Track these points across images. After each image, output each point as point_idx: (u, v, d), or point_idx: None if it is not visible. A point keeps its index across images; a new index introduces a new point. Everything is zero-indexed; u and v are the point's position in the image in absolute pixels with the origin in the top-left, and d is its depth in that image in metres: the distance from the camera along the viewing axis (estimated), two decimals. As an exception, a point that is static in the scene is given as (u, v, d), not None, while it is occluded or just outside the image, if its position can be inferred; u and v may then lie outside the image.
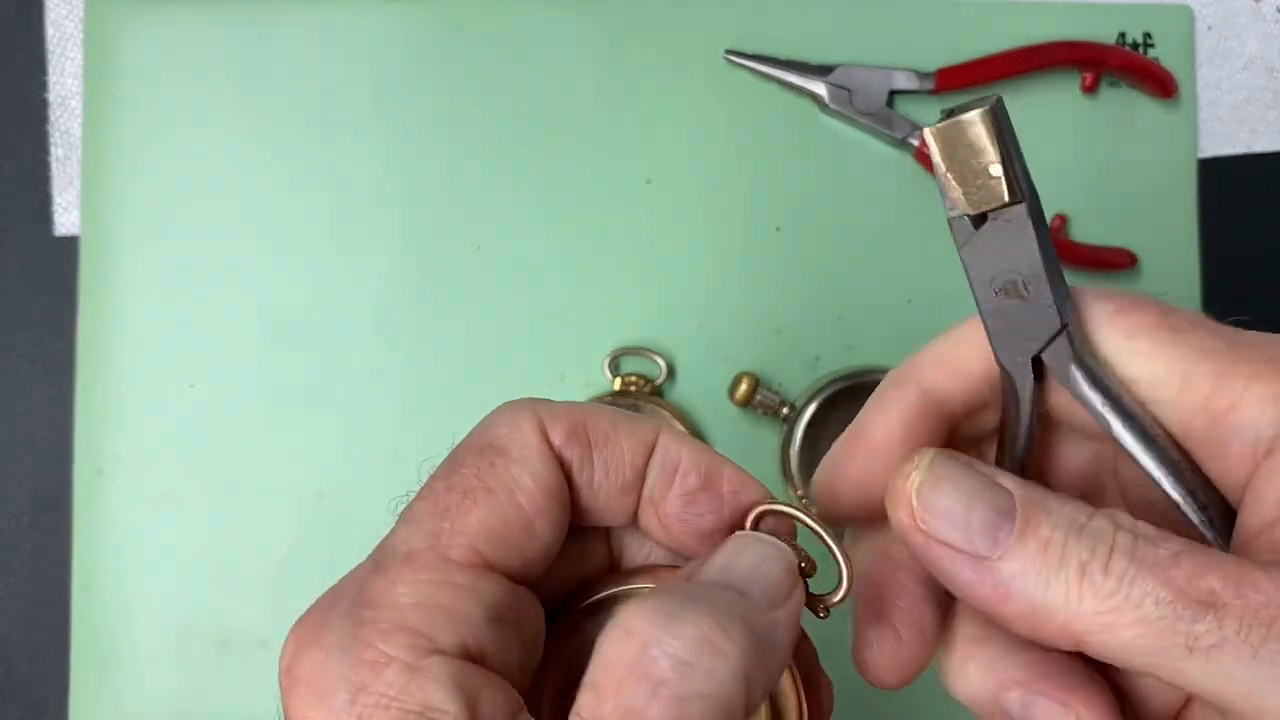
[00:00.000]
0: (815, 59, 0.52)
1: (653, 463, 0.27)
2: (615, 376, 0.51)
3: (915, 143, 0.51)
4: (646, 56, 0.52)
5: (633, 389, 0.51)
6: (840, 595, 0.27)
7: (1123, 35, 0.53)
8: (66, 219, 0.51)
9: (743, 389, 0.49)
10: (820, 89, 0.52)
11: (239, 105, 0.51)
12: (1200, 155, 0.54)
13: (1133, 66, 0.52)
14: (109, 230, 0.51)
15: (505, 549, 0.25)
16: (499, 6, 0.52)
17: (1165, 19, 0.53)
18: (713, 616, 0.22)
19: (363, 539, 0.26)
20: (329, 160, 0.51)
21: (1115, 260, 0.52)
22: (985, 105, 0.23)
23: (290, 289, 0.51)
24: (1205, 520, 0.25)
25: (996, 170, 0.23)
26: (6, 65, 0.51)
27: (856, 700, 0.52)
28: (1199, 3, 0.54)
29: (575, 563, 0.29)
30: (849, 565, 0.26)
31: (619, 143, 0.52)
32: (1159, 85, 0.52)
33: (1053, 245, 0.25)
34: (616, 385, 0.51)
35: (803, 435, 0.49)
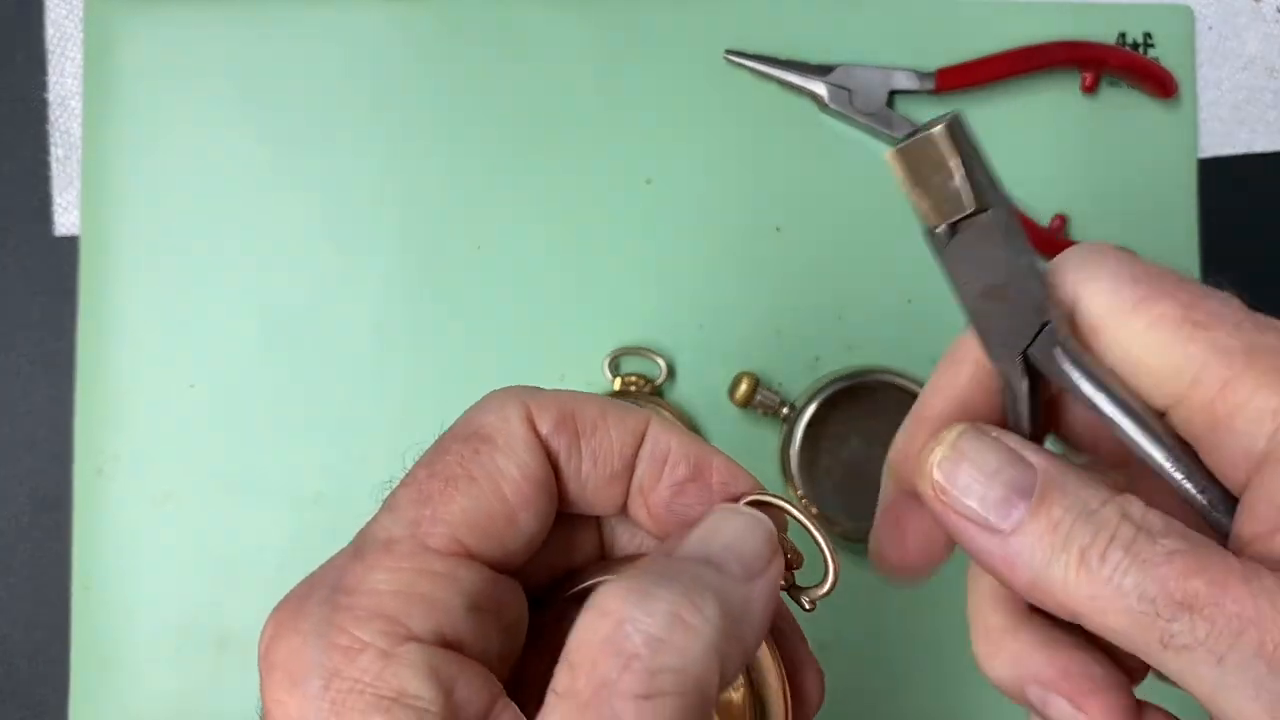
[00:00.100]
0: (815, 59, 0.52)
1: (642, 452, 0.27)
2: (615, 376, 0.51)
3: (915, 143, 0.52)
4: (646, 56, 0.52)
5: (633, 389, 0.51)
6: (826, 588, 0.27)
7: (1123, 35, 0.53)
8: (66, 219, 0.51)
9: (743, 389, 0.49)
10: (820, 89, 0.52)
11: (239, 105, 0.51)
12: (1200, 155, 0.54)
13: (1133, 66, 0.52)
14: (109, 230, 0.51)
15: (487, 538, 0.25)
16: (499, 6, 0.52)
17: (1165, 19, 0.53)
18: (684, 593, 0.23)
19: (362, 539, 0.26)
20: (329, 160, 0.51)
21: (1115, 260, 0.52)
22: (944, 121, 0.23)
23: (290, 289, 0.51)
24: (1206, 505, 0.25)
25: (959, 183, 0.24)
26: (6, 65, 0.51)
27: (856, 700, 0.52)
28: (1199, 3, 0.54)
29: (564, 551, 0.29)
30: (835, 559, 0.27)
31: (619, 143, 0.52)
32: (1159, 85, 0.52)
33: (1029, 245, 0.25)
34: (616, 385, 0.51)
35: (803, 435, 0.49)
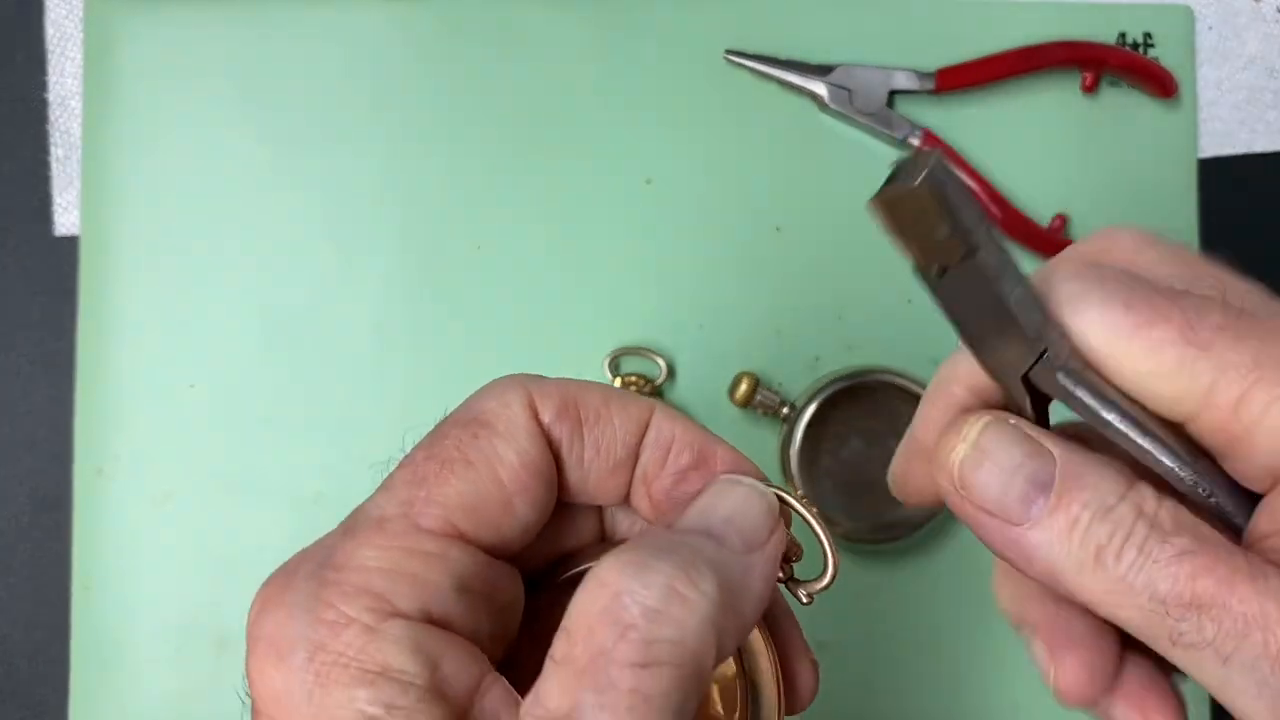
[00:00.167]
0: (815, 59, 0.52)
1: (646, 441, 0.27)
2: (615, 376, 0.51)
3: (915, 143, 0.51)
4: (646, 56, 0.52)
5: (632, 389, 0.51)
6: (825, 582, 0.27)
7: (1123, 35, 0.53)
8: (66, 219, 0.51)
9: (743, 389, 0.49)
10: (820, 89, 0.52)
11: (239, 105, 0.51)
12: (1200, 155, 0.54)
13: (1133, 66, 0.52)
14: (109, 230, 0.51)
15: (480, 522, 0.25)
16: (499, 6, 0.52)
17: (1165, 19, 0.53)
18: (681, 566, 0.23)
19: (363, 539, 0.26)
20: (329, 160, 0.51)
21: (1115, 260, 0.52)
22: (925, 168, 0.23)
23: (290, 289, 0.51)
24: (1229, 511, 0.25)
25: (945, 231, 0.23)
26: (6, 65, 0.51)
27: (856, 700, 0.52)
28: (1199, 3, 0.54)
29: (564, 537, 0.29)
30: (835, 553, 0.27)
31: (619, 143, 0.52)
32: (1159, 85, 0.52)
33: (1022, 275, 0.25)
34: (616, 385, 0.51)
35: (803, 435, 0.49)
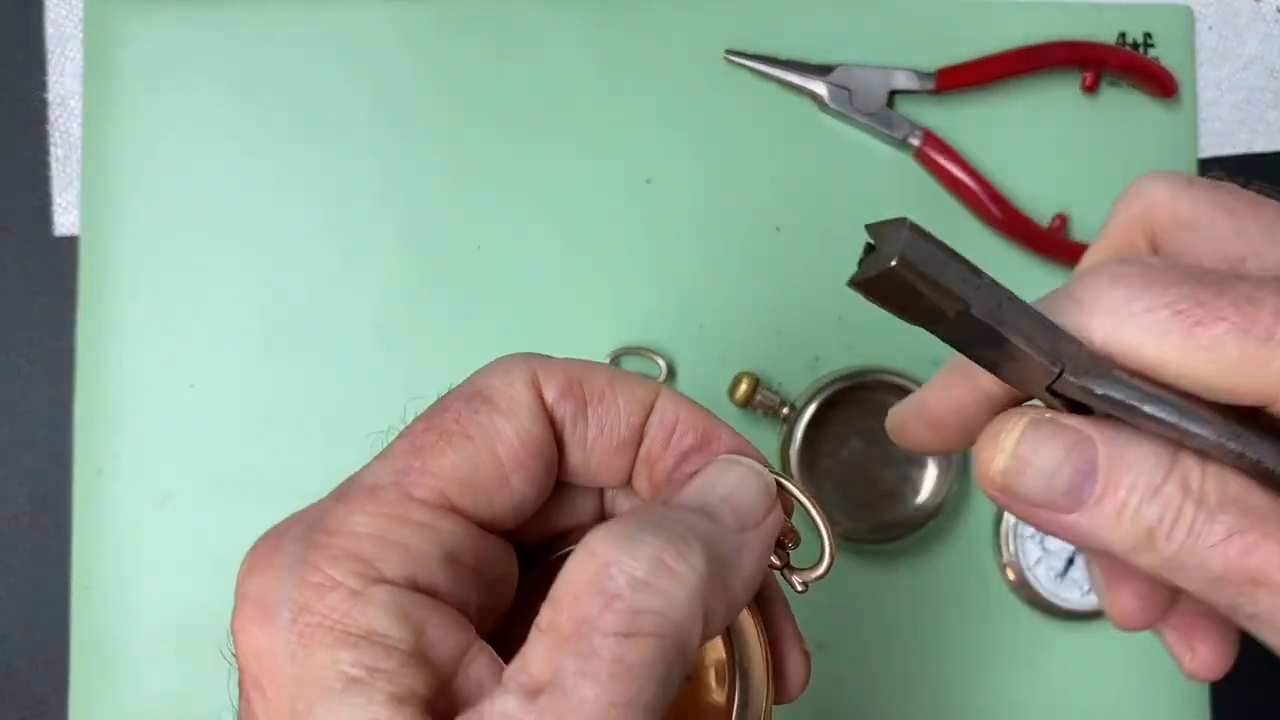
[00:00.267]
0: (815, 59, 0.52)
1: (650, 422, 0.27)
2: (615, 376, 0.51)
3: (915, 143, 0.51)
4: (646, 56, 0.52)
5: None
6: (820, 571, 0.27)
7: (1123, 35, 0.53)
8: (66, 219, 0.51)
9: (743, 389, 0.49)
10: (820, 89, 0.52)
11: (239, 105, 0.51)
12: (1200, 155, 0.54)
13: (1133, 66, 0.52)
14: (109, 230, 0.51)
15: (474, 496, 0.25)
16: (499, 6, 0.52)
17: (1165, 19, 0.53)
18: (670, 539, 0.23)
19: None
20: (329, 160, 0.51)
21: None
22: (899, 243, 0.22)
23: (290, 289, 0.51)
24: (1267, 469, 0.25)
25: (928, 302, 0.23)
26: (6, 65, 0.51)
27: (856, 699, 0.52)
28: (1199, 3, 0.54)
29: (564, 516, 0.29)
30: (832, 542, 0.27)
31: (619, 143, 0.52)
32: (1159, 85, 0.52)
33: (1025, 306, 0.24)
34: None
35: (803, 435, 0.49)
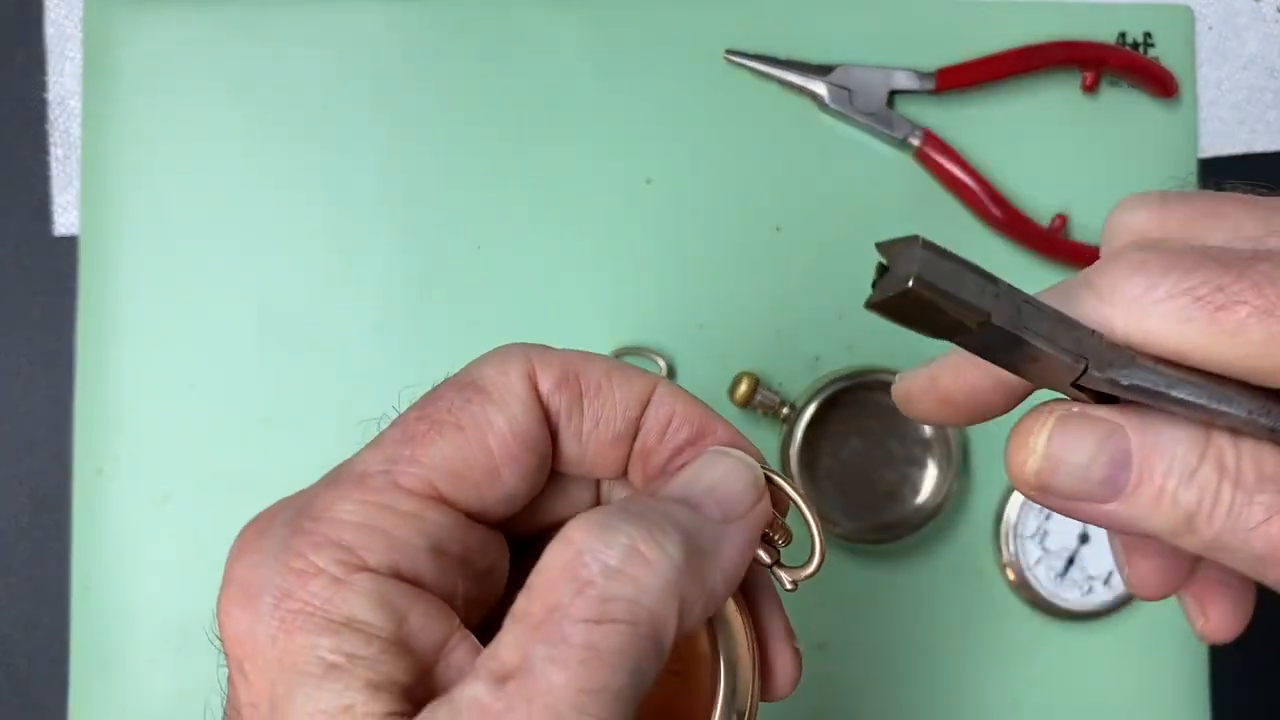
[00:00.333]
0: (815, 59, 0.52)
1: (646, 416, 0.27)
2: (615, 376, 0.51)
3: (915, 143, 0.51)
4: (646, 56, 0.52)
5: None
6: (811, 569, 0.27)
7: (1123, 35, 0.53)
8: (66, 219, 0.51)
9: (743, 389, 0.49)
10: (820, 89, 0.52)
11: (238, 105, 0.51)
12: (1200, 155, 0.54)
13: (1133, 66, 0.52)
14: (109, 230, 0.51)
15: (463, 487, 0.25)
16: (498, 6, 0.52)
17: (1165, 19, 0.53)
18: (646, 527, 0.23)
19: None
20: (329, 160, 0.51)
21: (1115, 260, 0.52)
22: (914, 262, 0.22)
23: (290, 289, 0.51)
24: None
25: (948, 318, 0.23)
26: (6, 65, 0.51)
27: (856, 700, 0.52)
28: (1199, 3, 0.54)
29: (559, 507, 0.29)
30: (822, 541, 0.27)
31: (619, 143, 0.52)
32: (1159, 85, 0.52)
33: (1042, 310, 0.24)
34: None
35: (803, 435, 0.49)
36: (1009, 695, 0.52)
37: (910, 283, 0.22)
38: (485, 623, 0.26)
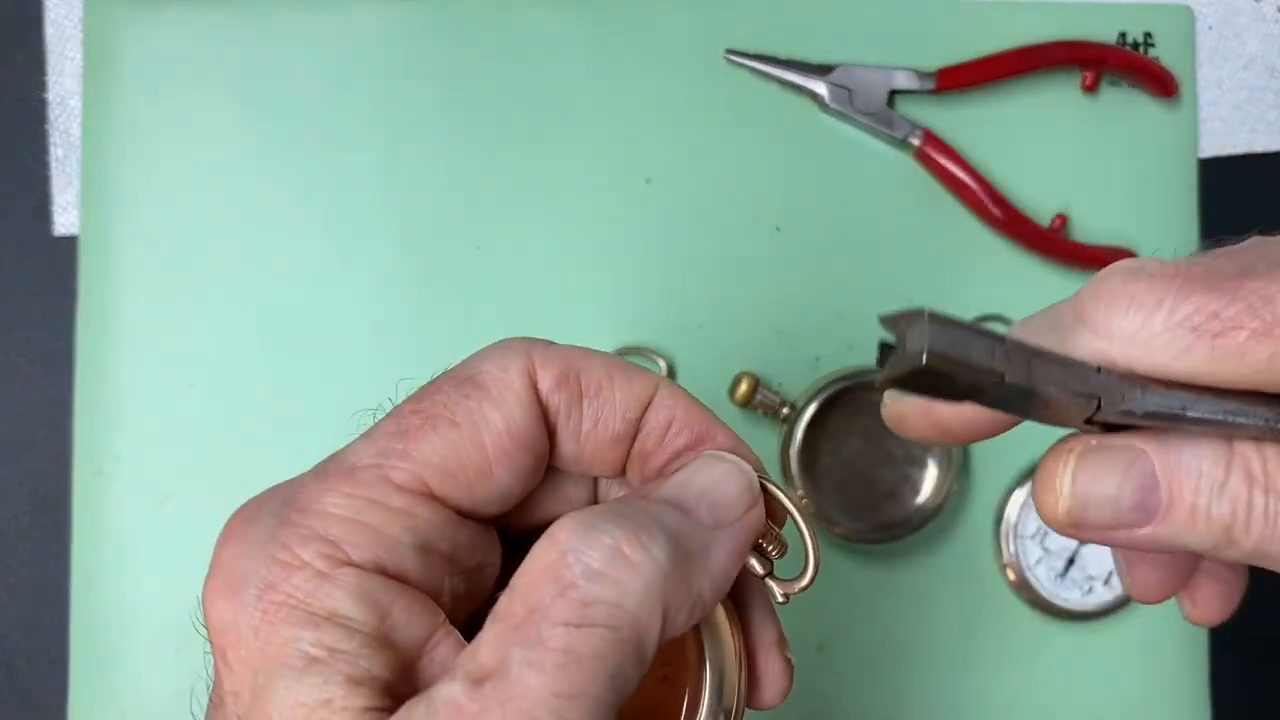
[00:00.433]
0: (815, 59, 0.52)
1: (646, 418, 0.27)
2: (615, 376, 0.51)
3: (915, 143, 0.51)
4: (646, 56, 0.52)
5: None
6: (804, 582, 0.27)
7: (1123, 35, 0.53)
8: (66, 219, 0.51)
9: (743, 389, 0.49)
10: (820, 89, 0.52)
11: (238, 105, 0.51)
12: (1200, 155, 0.54)
13: (1133, 66, 0.52)
14: (109, 230, 0.51)
15: (454, 484, 0.25)
16: (498, 6, 0.52)
17: (1166, 18, 0.53)
18: (632, 529, 0.23)
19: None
20: (328, 160, 0.51)
21: (1115, 260, 0.52)
22: (923, 336, 0.22)
23: (290, 289, 0.51)
24: None
25: (962, 385, 0.23)
26: (6, 65, 0.51)
27: (856, 700, 0.52)
28: (1199, 2, 0.54)
29: (557, 503, 0.29)
30: (816, 554, 0.27)
31: (619, 143, 0.52)
32: (1159, 85, 0.52)
33: (1051, 360, 0.24)
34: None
35: (803, 435, 0.49)
36: (1009, 695, 0.52)
37: (924, 358, 0.22)
38: (476, 618, 0.26)
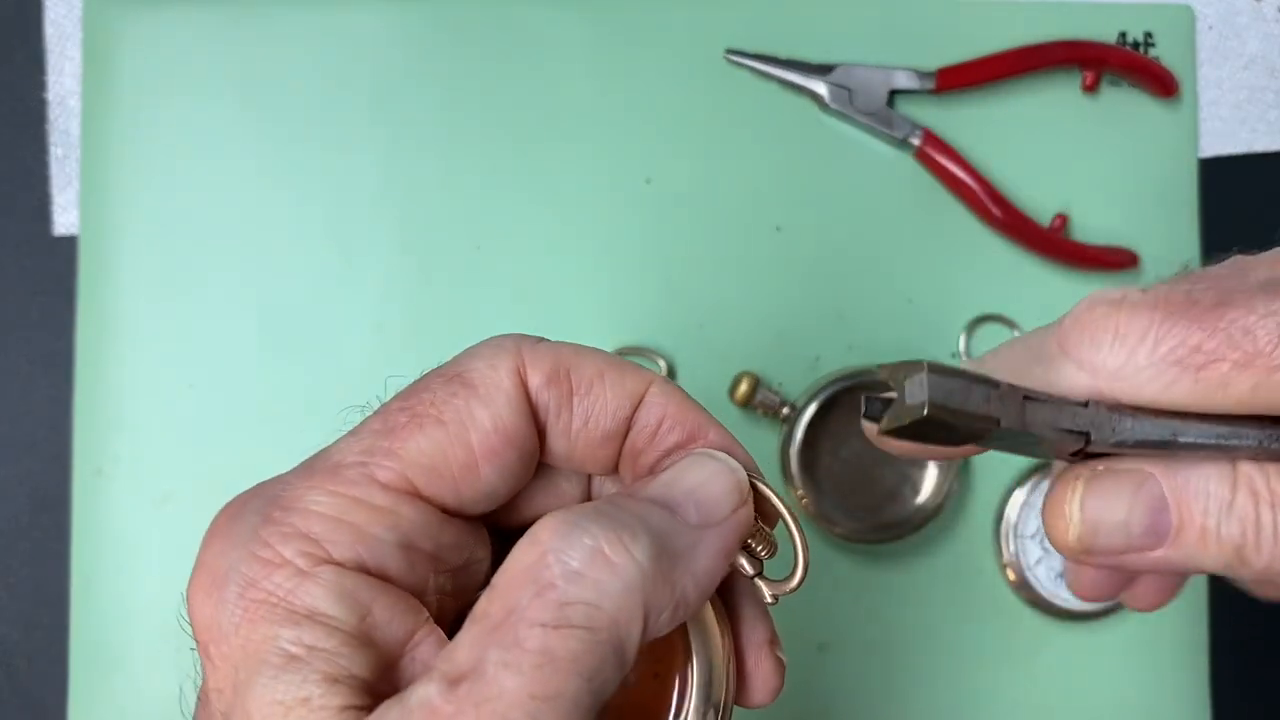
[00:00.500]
0: (815, 59, 0.52)
1: (638, 416, 0.27)
2: (615, 376, 0.51)
3: (915, 142, 0.51)
4: (646, 56, 0.52)
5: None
6: (794, 583, 0.27)
7: (1123, 35, 0.53)
8: (65, 218, 0.51)
9: (743, 389, 0.49)
10: (820, 89, 0.52)
11: (238, 105, 0.51)
12: (1200, 155, 0.54)
13: (1133, 66, 0.52)
14: (108, 230, 0.51)
15: (440, 483, 0.25)
16: (499, 6, 0.52)
17: (1166, 18, 0.53)
18: (614, 529, 0.23)
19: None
20: (329, 160, 0.51)
21: (1115, 260, 0.52)
22: (923, 388, 0.23)
23: (290, 289, 0.51)
24: None
25: (960, 432, 0.23)
26: (5, 65, 0.51)
27: (856, 700, 0.52)
28: (1200, 2, 0.54)
29: (549, 500, 0.28)
30: (806, 555, 0.27)
31: (619, 143, 0.52)
32: (1159, 85, 0.52)
33: (1043, 400, 0.24)
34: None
35: (803, 435, 0.49)
36: (1009, 695, 0.52)
37: (926, 410, 0.23)
38: (464, 616, 0.26)
